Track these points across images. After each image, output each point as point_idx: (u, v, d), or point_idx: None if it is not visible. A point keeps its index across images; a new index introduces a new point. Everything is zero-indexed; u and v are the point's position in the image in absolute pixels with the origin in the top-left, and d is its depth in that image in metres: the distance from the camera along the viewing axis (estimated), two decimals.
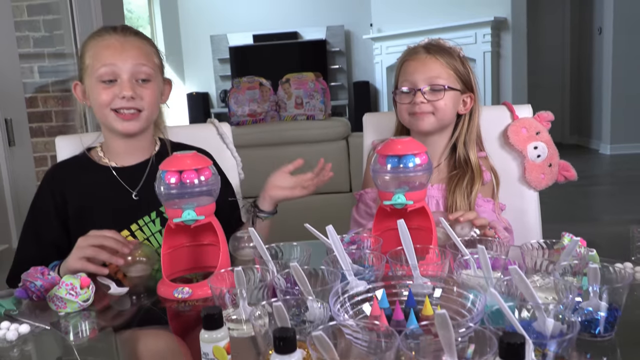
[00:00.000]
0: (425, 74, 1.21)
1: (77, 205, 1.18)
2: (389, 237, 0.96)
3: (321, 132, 3.21)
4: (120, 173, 1.21)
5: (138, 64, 1.15)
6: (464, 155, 1.25)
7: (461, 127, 1.27)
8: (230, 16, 7.63)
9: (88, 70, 1.16)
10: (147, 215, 1.19)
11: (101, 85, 1.14)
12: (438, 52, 1.22)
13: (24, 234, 1.20)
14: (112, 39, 1.15)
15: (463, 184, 1.21)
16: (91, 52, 1.16)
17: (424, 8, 6.43)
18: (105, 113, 1.15)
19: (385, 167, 0.90)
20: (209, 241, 0.97)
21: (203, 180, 0.88)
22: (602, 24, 6.09)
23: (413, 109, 1.22)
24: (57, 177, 1.22)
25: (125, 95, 1.12)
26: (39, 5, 2.88)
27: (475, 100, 1.26)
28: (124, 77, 1.13)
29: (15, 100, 2.08)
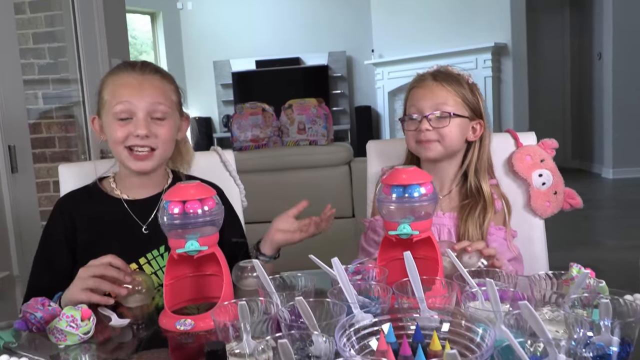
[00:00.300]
0: (431, 100, 1.21)
1: (87, 236, 1.18)
2: (394, 267, 0.95)
3: (324, 158, 3.22)
4: (132, 206, 1.21)
5: (154, 102, 1.15)
6: (476, 184, 1.24)
7: (471, 154, 1.26)
8: (233, 42, 7.73)
9: (105, 107, 1.17)
10: (155, 249, 1.18)
11: (117, 123, 1.15)
12: (445, 79, 1.23)
13: (36, 262, 1.20)
14: (129, 77, 1.16)
15: (475, 213, 1.20)
16: (109, 88, 1.17)
17: (424, 34, 6.51)
18: (119, 150, 1.16)
19: (390, 196, 0.90)
20: (212, 271, 0.96)
21: (207, 210, 0.87)
22: (602, 49, 6.14)
23: (419, 136, 1.22)
24: (68, 206, 1.22)
25: (139, 134, 1.13)
26: (44, 33, 2.91)
27: (485, 127, 1.26)
28: (140, 115, 1.14)
29: (19, 127, 2.08)
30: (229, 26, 7.73)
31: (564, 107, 7.13)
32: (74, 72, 2.85)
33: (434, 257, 0.92)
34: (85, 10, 2.70)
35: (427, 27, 6.48)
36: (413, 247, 0.93)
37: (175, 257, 0.89)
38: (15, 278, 2.02)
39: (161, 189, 1.24)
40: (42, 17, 2.90)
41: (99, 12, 2.77)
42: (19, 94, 2.11)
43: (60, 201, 1.24)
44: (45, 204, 2.95)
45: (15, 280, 2.02)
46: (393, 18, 6.91)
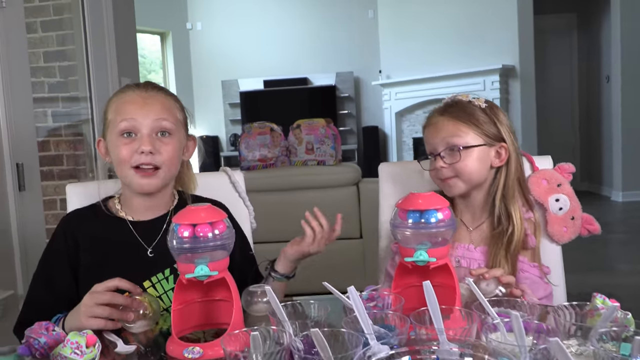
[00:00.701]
0: (439, 136, 1.18)
1: (89, 256, 1.15)
2: (410, 294, 0.92)
3: (332, 178, 3.20)
4: (137, 227, 1.18)
5: (159, 118, 1.13)
6: (504, 211, 1.19)
7: (498, 180, 1.21)
8: (242, 62, 7.79)
9: (110, 126, 1.15)
10: (160, 272, 1.15)
11: (121, 140, 1.12)
12: (452, 112, 1.19)
13: (35, 278, 1.17)
14: (134, 94, 1.15)
15: (504, 241, 1.16)
16: (113, 107, 1.16)
17: (432, 55, 6.53)
18: (124, 170, 1.13)
19: (406, 222, 0.87)
20: (221, 297, 0.93)
21: (217, 234, 0.85)
22: (610, 72, 6.14)
23: (438, 174, 1.20)
24: (72, 225, 1.19)
25: (144, 150, 1.10)
26: (55, 52, 2.93)
27: (510, 150, 1.20)
28: (144, 131, 1.12)
29: (28, 145, 2.08)
30: (237, 46, 7.80)
31: (572, 130, 7.11)
32: (84, 91, 2.86)
33: (451, 285, 0.88)
34: (96, 29, 2.72)
35: (434, 49, 6.50)
36: (429, 274, 0.90)
37: (184, 282, 0.86)
38: (19, 297, 1.99)
39: (167, 210, 1.22)
40: (53, 36, 2.92)
41: (110, 32, 2.79)
42: (28, 112, 2.11)
43: (65, 219, 1.22)
44: (51, 222, 2.94)
45: (20, 299, 1.99)
46: (401, 39, 6.95)
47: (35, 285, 1.17)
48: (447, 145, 1.18)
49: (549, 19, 6.80)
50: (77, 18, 2.79)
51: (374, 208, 3.18)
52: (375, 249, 3.19)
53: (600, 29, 6.55)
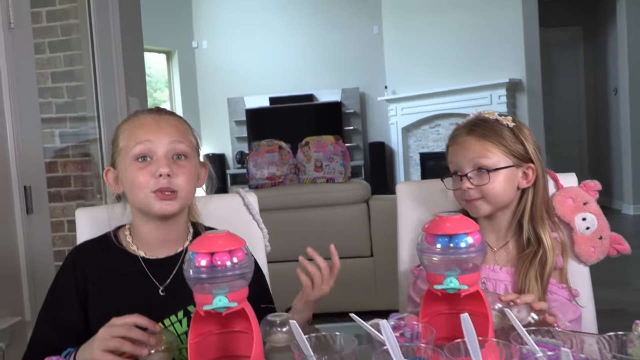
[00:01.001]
0: (467, 157, 1.15)
1: (99, 291, 1.10)
2: (438, 323, 0.87)
3: (341, 195, 3.16)
4: (149, 264, 1.12)
5: (174, 140, 1.09)
6: (532, 234, 1.15)
7: (525, 201, 1.17)
8: (247, 79, 7.81)
9: (122, 152, 1.10)
10: (173, 315, 1.09)
11: (136, 165, 1.07)
12: (479, 132, 1.15)
13: (41, 315, 1.11)
14: (147, 117, 1.11)
15: (535, 265, 1.11)
16: (125, 133, 1.11)
17: (438, 70, 6.52)
18: (141, 196, 1.07)
19: (434, 247, 0.83)
20: (240, 328, 0.88)
21: (236, 262, 0.80)
22: (618, 85, 6.10)
23: (464, 195, 1.16)
24: (81, 259, 1.13)
25: (162, 173, 1.05)
26: (63, 73, 2.93)
27: (538, 171, 1.17)
28: (160, 154, 1.07)
29: (35, 167, 2.05)
30: (243, 64, 7.83)
31: (580, 143, 7.06)
32: (92, 111, 2.85)
33: (483, 313, 0.84)
34: (104, 49, 2.71)
35: (440, 64, 6.49)
36: (460, 302, 0.85)
37: (202, 314, 0.82)
38: (27, 324, 1.95)
39: (181, 246, 1.16)
40: (61, 56, 2.92)
41: (117, 51, 2.78)
42: (36, 134, 2.08)
43: (73, 253, 1.16)
44: (59, 244, 2.91)
45: (28, 326, 1.95)
46: (406, 54, 6.95)
47: (40, 324, 1.11)
48: (474, 166, 1.14)
49: (554, 32, 6.79)
50: (85, 38, 2.78)
51: (385, 226, 3.16)
52: (386, 267, 3.16)
53: (606, 41, 6.54)
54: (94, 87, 2.76)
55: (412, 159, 7.20)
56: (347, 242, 3.14)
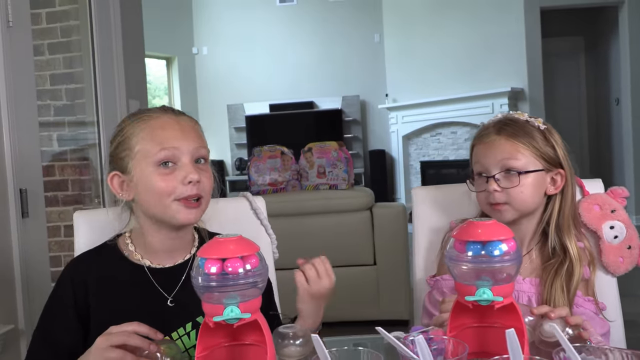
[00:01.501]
0: (495, 157, 1.07)
1: (100, 307, 1.01)
2: (467, 337, 0.80)
3: (344, 202, 3.10)
4: (155, 274, 1.04)
5: (197, 145, 1.01)
6: (558, 243, 1.09)
7: (551, 209, 1.11)
8: (247, 86, 7.77)
9: (138, 156, 0.99)
10: (182, 327, 1.01)
11: (159, 171, 0.98)
12: (510, 131, 1.08)
13: (35, 335, 1.02)
14: (165, 117, 1.02)
15: (561, 277, 1.04)
16: (142, 134, 1.00)
17: (439, 79, 6.48)
18: (165, 204, 0.99)
19: (465, 255, 0.76)
20: (251, 340, 0.81)
21: (249, 269, 0.74)
22: (620, 95, 6.07)
23: (489, 198, 1.09)
24: (80, 272, 1.04)
25: (192, 179, 0.97)
26: (62, 75, 2.86)
27: (567, 178, 1.11)
28: (185, 160, 0.99)
29: (32, 170, 1.98)
30: (243, 70, 7.79)
31: (581, 153, 7.02)
32: (91, 114, 2.78)
33: (518, 328, 0.77)
34: (104, 52, 2.65)
35: (441, 72, 6.46)
36: (491, 315, 0.79)
37: (211, 325, 0.75)
38: (20, 332, 1.87)
39: (189, 252, 1.09)
40: (60, 58, 2.86)
41: (118, 54, 2.72)
42: (33, 137, 2.01)
43: (70, 265, 1.07)
44: (55, 250, 2.83)
45: (21, 334, 1.87)
46: (407, 62, 6.92)
47: (35, 343, 1.02)
48: (503, 167, 1.07)
49: (556, 42, 6.77)
50: (85, 40, 2.72)
51: (389, 234, 3.09)
52: (390, 276, 3.08)
53: (608, 51, 6.52)
54: (93, 91, 2.70)
55: (412, 167, 7.15)
56: (349, 250, 3.07)
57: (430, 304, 1.15)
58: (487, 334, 0.81)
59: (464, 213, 1.22)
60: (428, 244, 1.27)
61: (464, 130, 6.39)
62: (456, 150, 6.54)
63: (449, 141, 6.62)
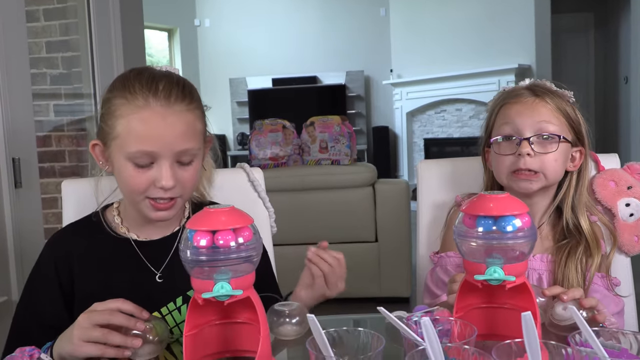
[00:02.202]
0: (533, 118, 1.00)
1: (85, 284, 0.96)
2: (474, 318, 0.75)
3: (347, 178, 3.04)
4: (143, 248, 0.98)
5: (182, 144, 0.89)
6: (574, 222, 1.03)
7: (567, 186, 1.05)
8: (250, 60, 7.64)
9: (117, 141, 0.89)
10: (172, 302, 0.96)
11: (133, 167, 0.89)
12: (549, 95, 1.02)
13: (19, 310, 0.98)
14: (152, 107, 0.87)
15: (576, 256, 0.99)
16: (123, 120, 0.88)
17: (445, 55, 6.36)
18: (135, 199, 0.92)
19: (475, 230, 0.70)
20: (243, 319, 0.76)
21: (241, 243, 0.68)
22: (629, 73, 5.94)
23: (517, 164, 1.00)
24: (62, 247, 0.99)
25: (164, 187, 0.88)
26: (58, 42, 2.78)
27: (586, 156, 1.06)
28: (164, 163, 0.88)
29: (26, 139, 1.92)
30: (246, 44, 7.65)
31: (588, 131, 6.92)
32: (88, 83, 2.71)
33: (530, 309, 0.71)
34: (101, 18, 2.56)
35: (447, 48, 6.33)
36: (501, 296, 0.73)
37: (200, 302, 0.70)
38: (14, 304, 1.84)
39: (178, 224, 1.03)
40: (56, 25, 2.77)
41: (116, 22, 2.64)
42: (26, 104, 1.95)
43: (54, 238, 1.01)
44: (52, 221, 2.79)
45: (14, 306, 1.84)
46: (413, 38, 6.78)
47: (18, 319, 0.98)
48: (538, 131, 1.00)
49: (565, 18, 6.62)
50: (81, 6, 2.63)
51: (391, 210, 3.04)
52: (391, 253, 3.04)
53: (618, 28, 6.37)
54: (90, 59, 2.62)
55: (416, 145, 7.07)
56: (351, 226, 3.03)
57: (432, 282, 1.10)
58: (496, 316, 0.76)
59: (471, 188, 1.16)
60: (432, 219, 1.21)
61: (469, 108, 6.29)
62: (460, 128, 6.45)
63: (454, 118, 6.53)
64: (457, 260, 1.06)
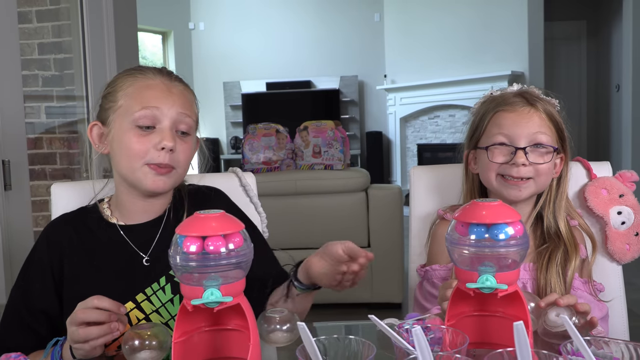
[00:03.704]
0: (528, 129, 1.01)
1: (75, 272, 0.99)
2: (465, 326, 0.75)
3: (340, 183, 3.04)
4: (129, 232, 1.01)
5: (182, 113, 0.97)
6: (555, 226, 1.05)
7: (549, 192, 1.06)
8: (244, 63, 7.64)
9: (120, 111, 0.96)
10: (155, 283, 0.98)
11: (135, 132, 0.95)
12: (541, 105, 1.03)
13: (13, 295, 1.01)
14: (156, 79, 0.98)
15: (556, 260, 1.00)
16: (128, 90, 0.97)
17: (439, 61, 6.38)
18: (134, 167, 0.96)
19: (467, 238, 0.70)
20: (233, 325, 0.75)
21: (232, 249, 0.68)
22: (621, 81, 5.98)
23: (509, 171, 1.01)
24: (56, 233, 1.03)
25: (165, 146, 0.94)
26: (50, 44, 2.76)
27: (566, 162, 1.07)
28: (165, 124, 0.95)
29: (16, 141, 1.91)
30: (240, 47, 7.65)
31: (580, 138, 6.96)
32: (80, 85, 2.69)
33: (522, 318, 0.71)
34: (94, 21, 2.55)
35: (441, 54, 6.36)
36: (493, 304, 0.73)
37: (189, 308, 0.69)
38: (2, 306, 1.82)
39: (162, 210, 1.05)
40: (49, 26, 2.75)
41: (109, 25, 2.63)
42: (17, 106, 1.94)
43: (48, 227, 1.05)
44: (42, 224, 2.76)
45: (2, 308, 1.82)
46: (407, 43, 6.81)
47: (12, 298, 1.01)
48: (532, 141, 1.01)
49: (559, 26, 6.67)
50: (74, 8, 2.62)
51: (384, 216, 3.04)
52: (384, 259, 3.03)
53: (610, 37, 6.42)
54: (82, 61, 2.61)
55: (409, 150, 7.08)
56: (344, 231, 3.02)
57: (421, 296, 1.10)
58: (488, 324, 0.76)
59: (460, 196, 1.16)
60: (424, 225, 1.21)
61: (462, 114, 6.31)
62: (453, 134, 6.47)
63: (447, 124, 6.55)
64: (442, 273, 1.07)
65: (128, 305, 0.96)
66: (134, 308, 0.97)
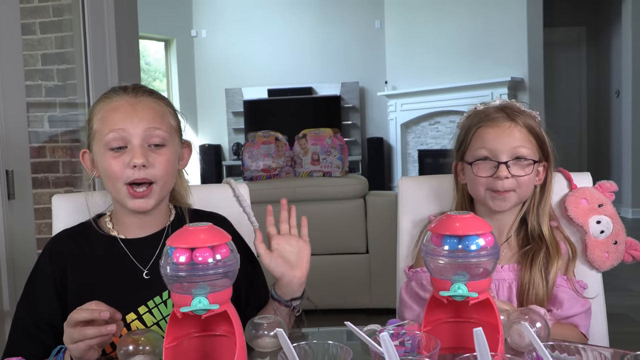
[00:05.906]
0: (510, 144, 1.06)
1: (77, 284, 1.03)
2: (441, 332, 0.79)
3: (338, 190, 3.08)
4: (130, 246, 1.05)
5: (151, 127, 1.00)
6: (538, 230, 1.10)
7: (533, 199, 1.11)
8: (246, 70, 7.70)
9: (96, 136, 1.02)
10: (158, 296, 1.02)
11: (109, 154, 0.99)
12: (522, 120, 1.08)
13: (19, 308, 1.05)
14: (121, 100, 1.01)
15: (539, 260, 1.05)
16: (99, 115, 1.02)
17: (439, 67, 6.43)
18: (117, 187, 1.00)
19: (441, 249, 0.74)
20: (222, 331, 0.80)
21: (219, 259, 0.72)
22: (620, 87, 6.02)
23: (494, 184, 1.06)
24: (59, 247, 1.06)
25: (136, 164, 0.97)
26: (53, 55, 2.82)
27: (550, 170, 1.12)
28: (135, 142, 0.98)
29: (19, 151, 1.96)
30: (242, 54, 7.71)
31: (580, 144, 6.98)
32: (82, 96, 2.74)
33: (493, 324, 0.75)
34: (96, 32, 2.60)
35: (442, 60, 6.40)
36: (466, 311, 0.77)
37: (179, 315, 0.73)
38: (5, 314, 1.86)
39: (163, 225, 1.09)
40: (52, 38, 2.81)
41: (111, 35, 2.68)
42: (21, 116, 1.99)
43: (51, 241, 1.09)
44: (45, 232, 2.81)
45: (6, 316, 1.86)
46: (407, 50, 6.86)
47: (18, 311, 1.04)
48: (514, 155, 1.06)
49: (558, 31, 6.71)
50: (77, 20, 2.68)
51: (382, 222, 3.07)
52: (382, 265, 3.06)
53: (610, 42, 6.46)
54: (84, 71, 2.66)
55: (410, 156, 7.12)
56: (342, 237, 3.06)
57: (407, 294, 1.14)
58: (463, 330, 0.80)
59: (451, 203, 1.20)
60: (412, 233, 1.25)
61: None
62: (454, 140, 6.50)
63: (447, 130, 6.59)
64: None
65: (129, 316, 1.00)
66: (135, 319, 1.01)
